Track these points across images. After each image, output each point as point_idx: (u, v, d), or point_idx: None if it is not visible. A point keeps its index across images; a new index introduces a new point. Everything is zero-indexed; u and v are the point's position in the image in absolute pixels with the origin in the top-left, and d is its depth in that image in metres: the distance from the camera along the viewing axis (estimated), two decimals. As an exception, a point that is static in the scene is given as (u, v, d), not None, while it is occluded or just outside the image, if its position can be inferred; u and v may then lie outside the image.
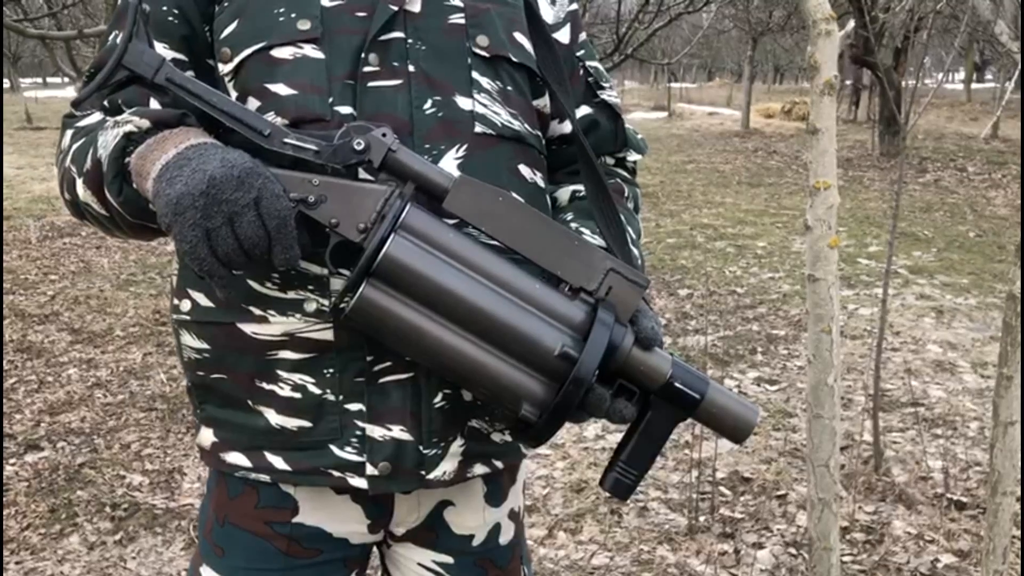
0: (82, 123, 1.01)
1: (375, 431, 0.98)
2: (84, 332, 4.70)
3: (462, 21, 1.02)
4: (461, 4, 1.03)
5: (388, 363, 0.97)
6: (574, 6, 1.19)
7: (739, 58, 22.95)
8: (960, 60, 22.15)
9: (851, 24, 2.13)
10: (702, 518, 2.78)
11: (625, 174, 1.22)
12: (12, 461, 3.18)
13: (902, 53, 11.20)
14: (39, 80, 32.24)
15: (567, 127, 1.13)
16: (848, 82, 17.37)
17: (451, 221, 0.93)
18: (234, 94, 0.98)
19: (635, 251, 1.09)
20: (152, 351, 4.41)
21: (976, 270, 6.04)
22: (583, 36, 1.19)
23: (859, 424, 3.37)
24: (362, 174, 0.93)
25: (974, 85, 24.60)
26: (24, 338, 4.56)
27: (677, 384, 0.93)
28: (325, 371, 0.97)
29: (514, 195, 1.00)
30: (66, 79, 6.77)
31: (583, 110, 1.16)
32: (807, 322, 1.89)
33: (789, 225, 7.61)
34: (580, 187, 1.14)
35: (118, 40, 0.97)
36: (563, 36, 1.15)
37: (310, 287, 0.96)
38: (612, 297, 0.93)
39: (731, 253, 6.67)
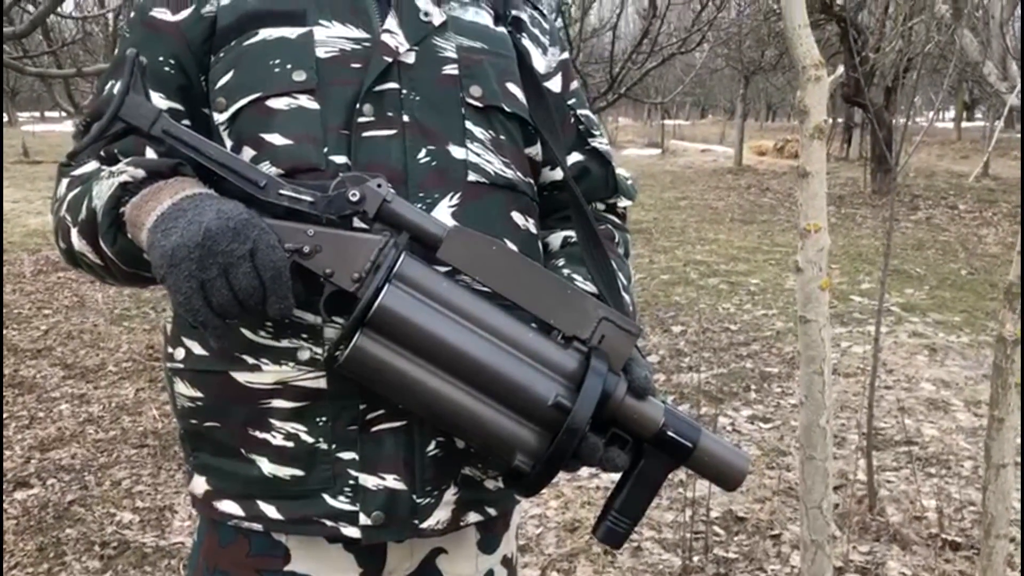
0: (78, 172, 1.01)
1: (368, 480, 0.98)
2: (77, 367, 4.68)
3: (455, 72, 1.04)
4: (455, 55, 1.05)
5: (381, 411, 0.97)
6: (565, 55, 1.21)
7: (732, 96, 23.17)
8: (950, 99, 22.41)
9: (840, 70, 2.16)
10: (696, 558, 2.76)
11: (616, 220, 1.24)
12: (1, 499, 3.16)
13: (892, 92, 11.33)
14: (36, 114, 32.34)
15: (558, 174, 1.15)
16: (840, 120, 17.54)
17: (444, 269, 0.94)
18: (229, 143, 0.99)
19: (626, 297, 1.10)
20: (145, 387, 4.39)
21: (968, 308, 6.06)
22: (575, 85, 1.21)
23: (853, 463, 3.36)
24: (356, 222, 0.94)
25: (964, 123, 24.84)
26: (16, 373, 4.54)
27: (670, 432, 0.93)
28: (318, 419, 0.97)
29: (507, 242, 1.02)
30: (63, 114, 6.81)
31: (574, 157, 1.18)
32: (800, 362, 1.89)
33: (782, 262, 7.65)
34: (571, 233, 1.16)
35: (115, 90, 0.98)
36: (555, 85, 1.17)
37: (303, 335, 0.96)
38: (605, 345, 0.93)
39: (724, 290, 6.69)
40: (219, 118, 1.00)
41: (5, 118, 27.46)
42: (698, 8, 5.45)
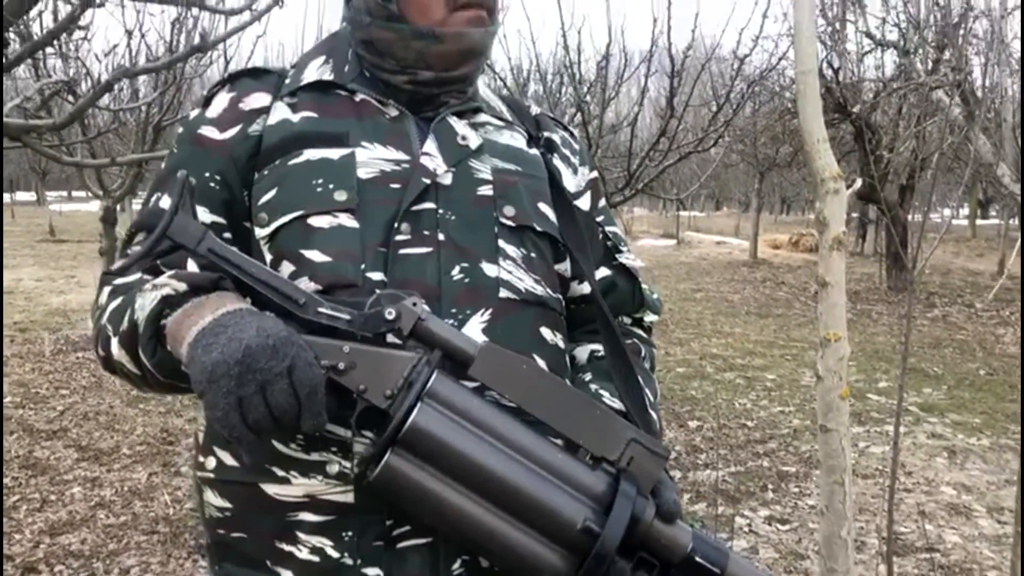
0: (120, 281, 1.04)
1: (392, 598, 0.97)
2: (91, 449, 4.67)
3: (490, 193, 1.08)
4: (489, 177, 1.09)
5: (407, 528, 0.97)
6: (594, 174, 1.25)
7: (746, 189, 23.42)
8: (964, 197, 22.57)
9: (858, 183, 2.22)
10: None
11: (642, 333, 1.26)
12: (8, 585, 3.12)
13: (907, 190, 11.44)
14: (64, 194, 33.08)
15: (586, 288, 1.17)
16: (855, 215, 17.66)
17: (474, 385, 0.96)
18: (269, 257, 1.02)
19: (653, 415, 1.11)
20: (158, 471, 4.37)
21: (988, 409, 5.99)
22: (603, 202, 1.25)
23: (873, 568, 3.29)
24: (390, 337, 0.96)
25: (979, 221, 24.97)
26: (30, 454, 4.53)
27: (698, 558, 0.93)
28: (344, 534, 0.97)
29: (536, 357, 1.04)
30: (89, 194, 6.98)
31: (602, 272, 1.21)
32: (819, 470, 1.88)
33: (798, 357, 7.61)
34: (598, 346, 1.18)
35: (160, 203, 1.02)
36: (584, 203, 1.21)
37: (333, 449, 0.97)
38: (634, 467, 0.94)
39: (741, 385, 6.65)
40: (260, 233, 1.03)
41: (35, 197, 28.16)
42: (715, 108, 5.57)
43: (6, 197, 27.69)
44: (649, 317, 1.26)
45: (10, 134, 2.95)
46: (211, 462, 1.03)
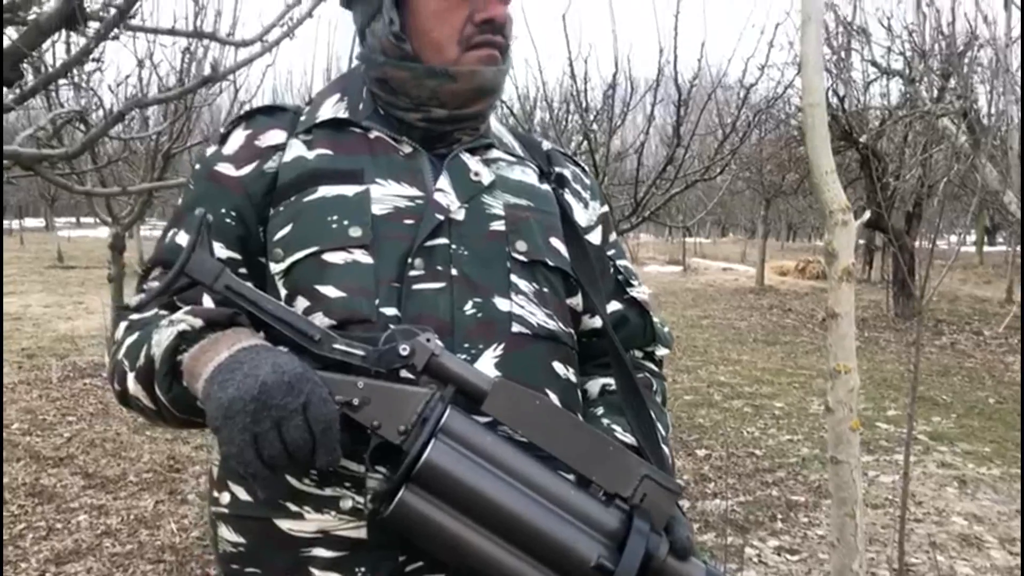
0: (137, 316, 1.04)
1: (404, 634, 0.97)
2: (97, 476, 4.66)
3: (502, 228, 1.09)
4: (502, 212, 1.09)
5: (420, 564, 0.97)
6: (605, 208, 1.26)
7: (752, 216, 23.44)
8: (972, 224, 22.55)
9: (867, 214, 2.23)
10: None
11: (653, 367, 1.26)
12: (14, 615, 3.11)
13: (914, 217, 11.44)
14: (73, 220, 33.32)
15: (598, 322, 1.18)
16: (861, 242, 17.66)
17: (487, 419, 0.96)
18: (284, 292, 1.03)
19: (665, 450, 1.11)
20: (164, 499, 4.36)
21: (998, 438, 5.96)
22: (613, 236, 1.26)
23: (885, 602, 3.26)
24: (404, 373, 0.96)
25: (986, 248, 24.94)
26: (37, 481, 4.53)
27: (710, 595, 0.93)
28: (357, 570, 0.97)
29: (548, 392, 1.04)
30: (97, 220, 7.02)
31: (613, 306, 1.21)
32: (829, 500, 1.87)
33: (806, 385, 7.59)
34: (610, 380, 1.18)
35: (177, 239, 1.03)
36: (595, 237, 1.21)
37: (347, 484, 0.97)
38: (647, 504, 0.94)
39: (749, 413, 6.62)
40: (275, 268, 1.04)
41: (44, 223, 28.40)
42: (721, 136, 5.60)
43: (15, 224, 27.94)
44: (660, 351, 1.27)
45: (23, 163, 2.98)
46: (225, 497, 1.03)
